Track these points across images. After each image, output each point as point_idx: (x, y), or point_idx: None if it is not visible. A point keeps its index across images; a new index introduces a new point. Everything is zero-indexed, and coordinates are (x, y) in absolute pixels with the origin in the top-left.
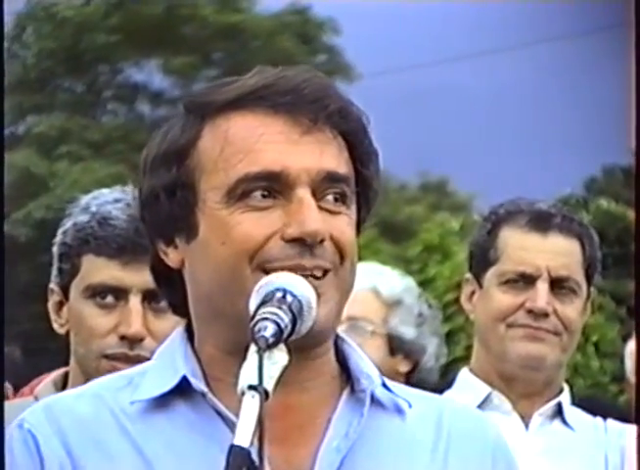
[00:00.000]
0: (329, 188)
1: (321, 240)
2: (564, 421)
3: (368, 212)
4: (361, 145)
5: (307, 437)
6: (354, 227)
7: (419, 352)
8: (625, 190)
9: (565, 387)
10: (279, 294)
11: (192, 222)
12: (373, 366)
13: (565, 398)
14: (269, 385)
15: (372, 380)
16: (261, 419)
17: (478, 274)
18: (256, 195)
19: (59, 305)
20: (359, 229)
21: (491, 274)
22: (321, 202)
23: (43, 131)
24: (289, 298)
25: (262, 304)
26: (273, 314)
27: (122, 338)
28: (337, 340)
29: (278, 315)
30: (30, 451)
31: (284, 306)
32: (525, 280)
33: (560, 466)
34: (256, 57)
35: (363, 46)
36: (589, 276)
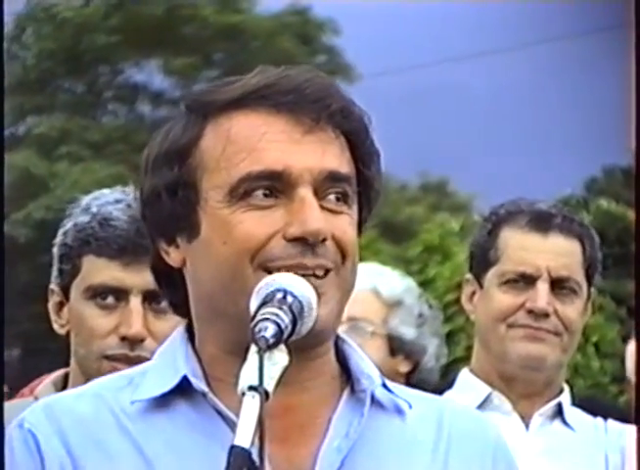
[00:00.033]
0: (331, 188)
1: (323, 239)
2: (564, 421)
3: (369, 213)
4: (363, 145)
5: (308, 436)
6: (356, 227)
7: (419, 352)
8: (625, 190)
9: (565, 387)
10: (279, 294)
11: (193, 221)
12: (373, 367)
13: (565, 398)
14: (269, 385)
15: (372, 380)
16: (262, 420)
17: (478, 274)
18: (258, 194)
19: (59, 306)
20: (360, 229)
21: (492, 274)
22: (323, 201)
23: (43, 132)
24: (289, 298)
25: (263, 304)
26: (273, 315)
27: (123, 339)
28: (337, 340)
29: (278, 316)
30: (31, 451)
31: (284, 307)
32: (526, 280)
33: (560, 466)
34: (257, 57)
35: (363, 46)
36: (589, 276)
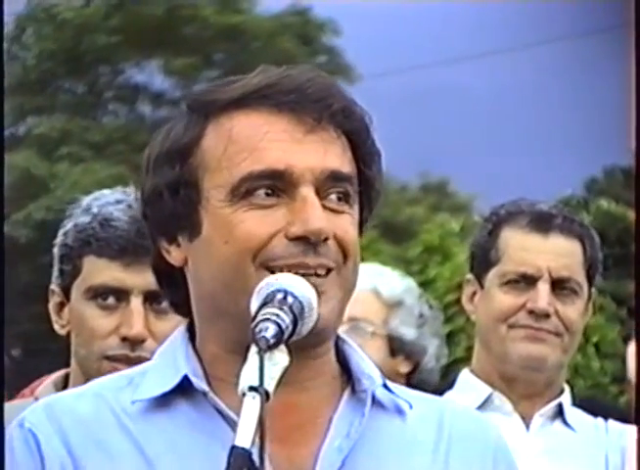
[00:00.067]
0: (332, 187)
1: (325, 238)
2: (564, 422)
3: (370, 213)
4: (364, 145)
5: (308, 436)
6: (357, 227)
7: (420, 352)
8: (626, 191)
9: (565, 388)
10: (280, 295)
11: (195, 221)
12: (374, 367)
13: (565, 398)
14: (270, 386)
15: (373, 380)
16: (262, 420)
17: (479, 275)
18: (260, 193)
19: (60, 307)
20: (361, 229)
21: (492, 275)
22: (324, 201)
23: (44, 132)
24: (290, 299)
25: (263, 305)
26: (274, 315)
27: (124, 339)
28: (337, 341)
29: (279, 316)
30: (31, 450)
31: (285, 307)
32: (527, 281)
33: (560, 467)
34: (257, 58)
35: (363, 47)
36: (590, 277)
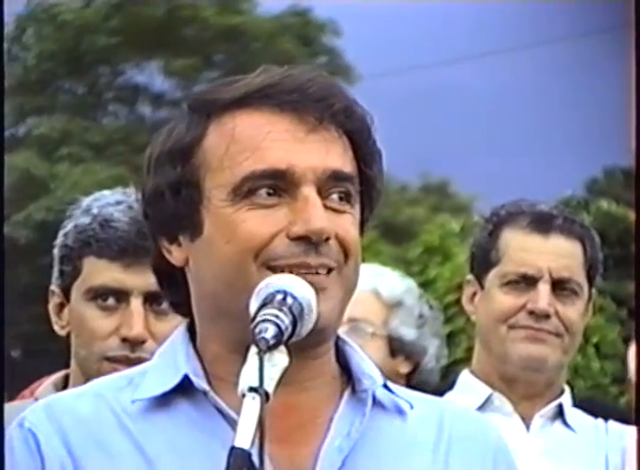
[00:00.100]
0: (334, 187)
1: (326, 238)
2: (565, 422)
3: (371, 212)
4: (365, 144)
5: (308, 436)
6: (358, 226)
7: (420, 353)
8: (626, 191)
9: (566, 388)
10: (279, 296)
11: (196, 220)
12: (375, 367)
13: (566, 399)
14: (270, 387)
15: (374, 380)
16: (262, 421)
17: (479, 275)
18: (262, 193)
19: (59, 307)
20: (362, 229)
21: (493, 275)
22: (326, 200)
23: (44, 133)
24: (289, 300)
25: (263, 306)
26: (274, 316)
27: (124, 340)
28: (337, 341)
29: (278, 317)
30: (31, 450)
31: (284, 308)
32: (527, 281)
33: (561, 467)
34: (257, 59)
35: (364, 48)
36: (591, 278)
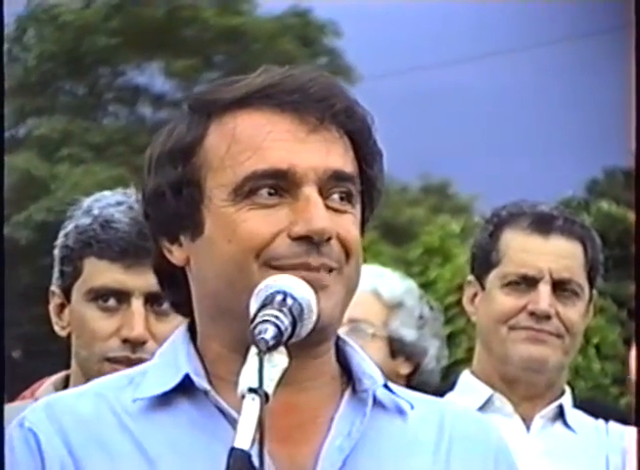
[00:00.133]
0: (335, 187)
1: (328, 238)
2: (565, 423)
3: (371, 212)
4: (366, 145)
5: (309, 435)
6: (359, 226)
7: (420, 354)
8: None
9: (566, 389)
10: (279, 297)
11: (197, 220)
12: (375, 367)
13: (566, 400)
14: (269, 387)
15: (374, 380)
16: (262, 422)
17: (480, 276)
18: (263, 193)
19: (60, 308)
20: (363, 229)
21: (493, 276)
22: (327, 200)
23: (44, 134)
24: (289, 300)
25: (262, 306)
26: (273, 317)
27: (125, 341)
28: (338, 341)
29: (278, 318)
30: (31, 450)
31: (284, 309)
32: (528, 282)
33: (561, 468)
34: (258, 59)
35: (364, 48)
36: (591, 278)
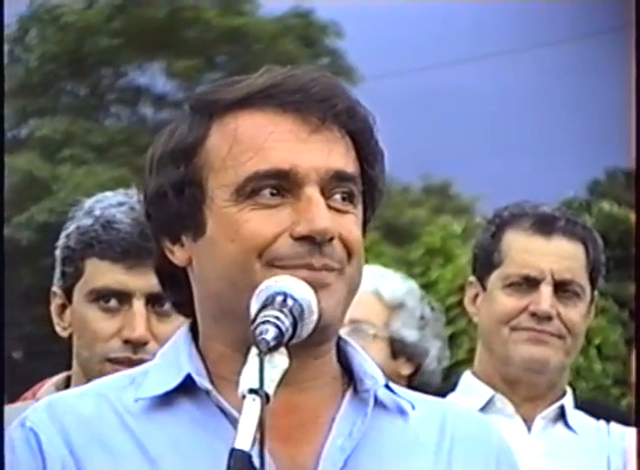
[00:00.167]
0: (337, 187)
1: (330, 238)
2: (566, 424)
3: (373, 213)
4: (368, 145)
5: (310, 435)
6: (361, 226)
7: (421, 354)
8: (627, 193)
9: (568, 390)
10: (279, 298)
11: (199, 220)
12: (377, 368)
13: (568, 401)
14: (270, 388)
15: (376, 380)
16: (262, 423)
17: (481, 277)
18: (265, 193)
19: (61, 309)
20: (364, 229)
21: (495, 277)
22: (329, 200)
23: (46, 134)
24: (289, 301)
25: (263, 307)
26: (274, 318)
27: (126, 342)
28: (339, 341)
29: (279, 319)
30: (32, 450)
31: (285, 310)
32: (529, 283)
33: (562, 469)
34: (260, 60)
35: (366, 49)
36: (593, 279)
